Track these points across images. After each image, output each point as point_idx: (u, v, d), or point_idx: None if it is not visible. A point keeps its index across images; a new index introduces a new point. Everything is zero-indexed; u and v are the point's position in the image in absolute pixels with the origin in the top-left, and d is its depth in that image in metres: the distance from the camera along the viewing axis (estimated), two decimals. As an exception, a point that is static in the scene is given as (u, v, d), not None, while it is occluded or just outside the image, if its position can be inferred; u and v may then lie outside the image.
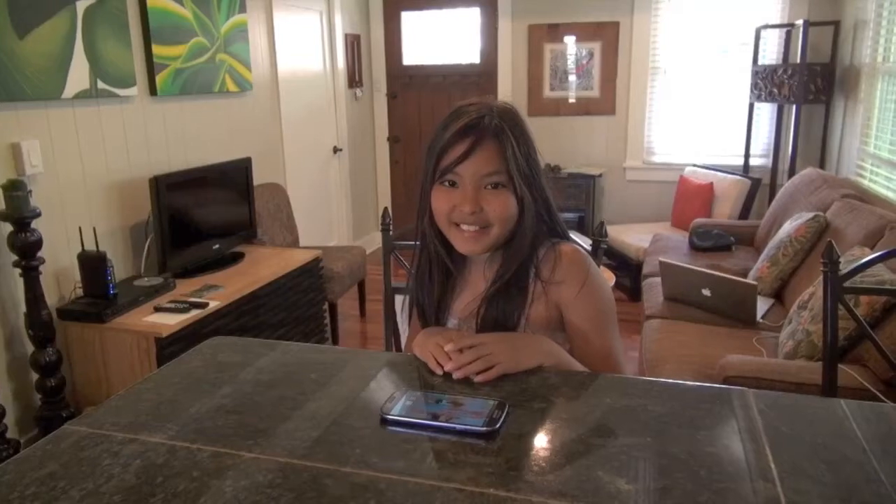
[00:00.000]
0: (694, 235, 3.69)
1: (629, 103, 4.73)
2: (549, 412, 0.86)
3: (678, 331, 2.61)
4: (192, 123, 3.22)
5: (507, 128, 1.06)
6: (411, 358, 1.10)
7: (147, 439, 0.82)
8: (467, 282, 1.18)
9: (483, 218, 1.07)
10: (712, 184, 4.23)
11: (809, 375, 1.90)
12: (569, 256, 1.11)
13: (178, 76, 3.07)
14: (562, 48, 4.78)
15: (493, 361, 0.98)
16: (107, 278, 2.48)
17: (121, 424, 0.86)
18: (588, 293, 1.09)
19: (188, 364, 1.05)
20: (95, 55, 2.62)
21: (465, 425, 0.82)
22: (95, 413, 0.89)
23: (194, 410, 0.89)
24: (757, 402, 0.87)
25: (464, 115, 1.07)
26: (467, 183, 1.06)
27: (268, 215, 3.61)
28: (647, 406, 0.87)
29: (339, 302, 3.64)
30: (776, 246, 2.97)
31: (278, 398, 0.95)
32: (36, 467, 0.77)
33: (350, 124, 4.91)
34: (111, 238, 2.76)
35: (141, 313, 2.48)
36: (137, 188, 2.84)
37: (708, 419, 0.84)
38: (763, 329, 2.59)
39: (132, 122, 2.87)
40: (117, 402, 0.93)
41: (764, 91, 4.15)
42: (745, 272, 3.13)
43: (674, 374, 2.23)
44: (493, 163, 1.06)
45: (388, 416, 0.86)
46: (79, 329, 2.47)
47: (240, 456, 0.78)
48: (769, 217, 3.61)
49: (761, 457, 0.75)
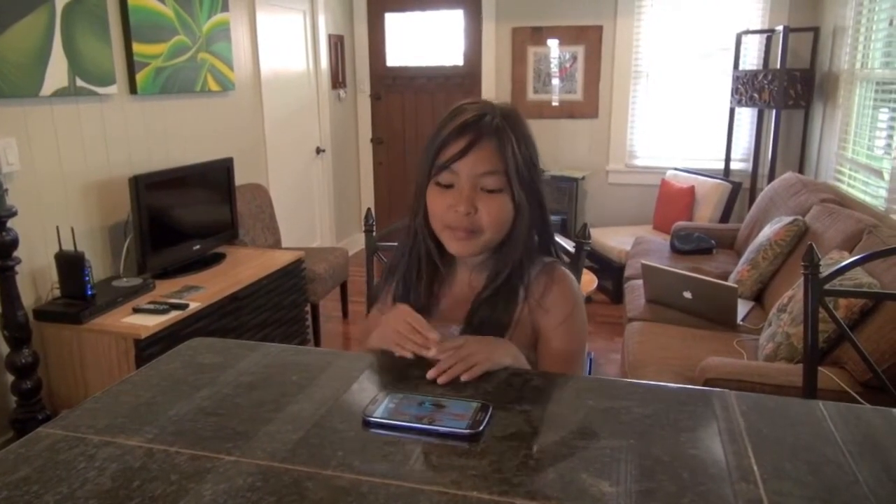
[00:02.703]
0: (675, 238, 3.72)
1: (612, 107, 4.75)
2: (532, 414, 0.86)
3: (660, 333, 2.62)
4: (173, 123, 3.18)
5: (509, 128, 1.05)
6: (396, 360, 1.09)
7: (124, 442, 0.80)
8: (452, 285, 1.17)
9: (476, 221, 1.06)
10: (693, 187, 4.26)
11: (789, 377, 1.92)
12: (560, 286, 1.10)
13: (159, 75, 3.03)
14: (545, 51, 4.80)
15: (473, 361, 0.98)
16: (85, 279, 2.44)
17: (97, 427, 0.84)
18: (569, 326, 1.10)
19: (167, 365, 1.04)
20: (74, 52, 2.58)
21: (448, 428, 0.81)
22: (71, 415, 0.87)
23: (173, 413, 0.88)
24: (739, 404, 0.87)
25: (464, 112, 1.06)
26: (464, 181, 1.05)
27: (249, 216, 3.58)
28: (630, 408, 0.87)
29: (321, 303, 3.62)
30: (756, 249, 3.00)
31: (259, 400, 0.94)
32: (9, 471, 0.75)
33: (333, 125, 4.89)
34: (89, 238, 2.72)
35: (119, 314, 2.44)
36: (117, 187, 2.80)
37: (690, 421, 0.84)
38: (743, 332, 2.61)
39: (112, 121, 2.83)
40: (94, 404, 0.91)
41: (744, 96, 4.19)
42: (726, 275, 3.16)
43: (655, 377, 2.24)
44: (491, 161, 1.04)
45: (371, 418, 0.85)
46: (56, 330, 2.42)
47: (219, 459, 0.76)
48: (749, 221, 3.65)
49: (743, 458, 0.75)
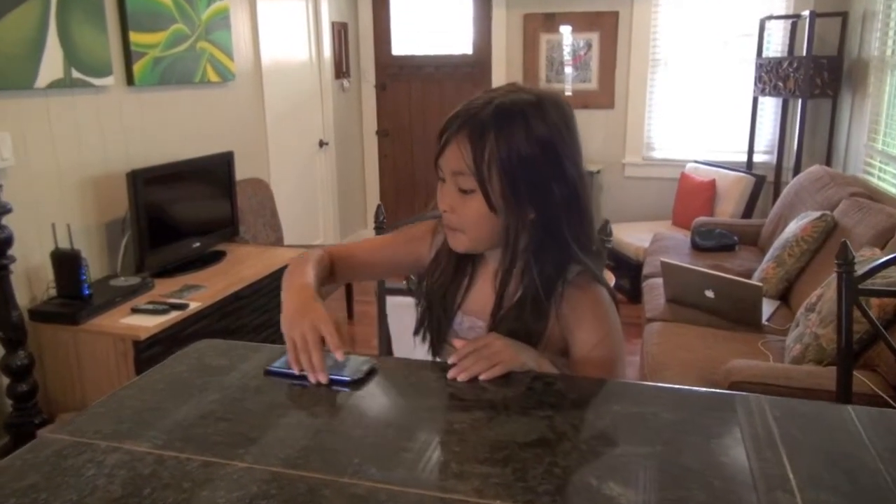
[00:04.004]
0: (696, 235, 3.71)
1: (628, 96, 4.74)
2: (555, 420, 0.86)
3: (680, 334, 2.62)
4: (171, 115, 3.20)
5: (497, 125, 0.99)
6: (404, 363, 1.10)
7: (133, 448, 0.81)
8: (477, 277, 1.16)
9: (454, 220, 1.06)
10: (715, 181, 4.25)
11: (818, 381, 1.91)
12: (593, 308, 1.07)
13: (157, 65, 3.04)
14: (558, 38, 4.79)
15: (496, 360, 0.98)
16: (81, 278, 2.46)
17: (104, 433, 0.85)
18: (605, 346, 1.07)
19: (173, 369, 1.04)
20: (70, 42, 2.59)
21: (334, 375, 0.98)
22: (77, 420, 0.88)
23: (181, 417, 0.88)
24: (771, 409, 0.87)
25: (468, 102, 1.04)
26: (446, 177, 1.06)
27: (250, 212, 3.60)
28: (658, 413, 0.87)
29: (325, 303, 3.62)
30: (781, 246, 2.99)
31: (268, 404, 0.94)
32: (16, 478, 0.76)
33: (337, 117, 4.89)
34: (86, 235, 2.73)
35: (117, 315, 2.46)
36: (114, 183, 2.82)
37: (720, 427, 0.84)
38: (769, 332, 2.60)
39: (108, 114, 2.84)
40: (99, 408, 0.92)
41: (768, 85, 4.17)
42: (750, 273, 3.15)
43: (676, 380, 2.24)
44: (462, 160, 1.01)
45: (270, 368, 1.02)
46: (52, 331, 2.44)
47: (232, 465, 0.77)
48: (774, 216, 3.64)
49: (778, 467, 0.75)
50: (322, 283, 1.22)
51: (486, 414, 0.88)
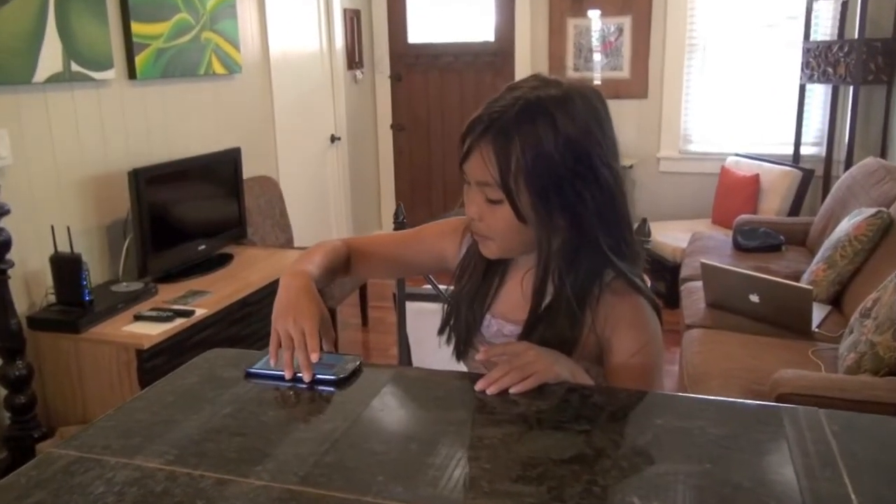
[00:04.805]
0: (738, 234, 3.69)
1: (663, 85, 4.71)
2: (593, 435, 0.86)
3: (723, 342, 2.60)
4: (175, 110, 3.23)
5: (522, 132, 0.98)
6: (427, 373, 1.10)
7: (143, 464, 0.82)
8: (507, 281, 1.17)
9: (483, 228, 1.07)
10: (758, 175, 4.21)
11: (875, 392, 1.89)
12: (631, 317, 1.08)
13: (160, 57, 3.08)
14: (587, 24, 4.77)
15: (529, 371, 0.98)
16: (82, 283, 2.49)
17: (113, 448, 0.86)
18: (644, 355, 1.07)
19: (183, 380, 1.06)
20: (69, 34, 2.63)
21: (318, 375, 1.01)
22: (84, 434, 0.90)
23: (194, 431, 0.89)
24: (829, 423, 0.87)
25: (491, 101, 1.04)
26: (472, 184, 1.06)
27: (259, 212, 3.62)
28: (704, 428, 0.87)
29: (338, 309, 3.65)
30: (833, 246, 2.96)
31: (284, 417, 0.95)
32: (21, 496, 0.77)
33: (349, 110, 4.92)
34: (86, 238, 2.77)
35: (120, 322, 2.49)
36: (115, 182, 2.85)
37: (773, 442, 0.84)
38: (819, 340, 2.58)
39: (109, 109, 2.88)
40: (107, 422, 0.93)
41: (817, 71, 4.13)
42: (798, 275, 3.12)
43: (718, 391, 2.22)
44: (487, 170, 1.00)
45: (251, 370, 1.04)
46: (51, 340, 2.48)
47: (248, 483, 0.78)
48: (824, 213, 3.60)
49: (838, 485, 0.75)
50: (333, 275, 1.24)
51: (517, 428, 0.88)
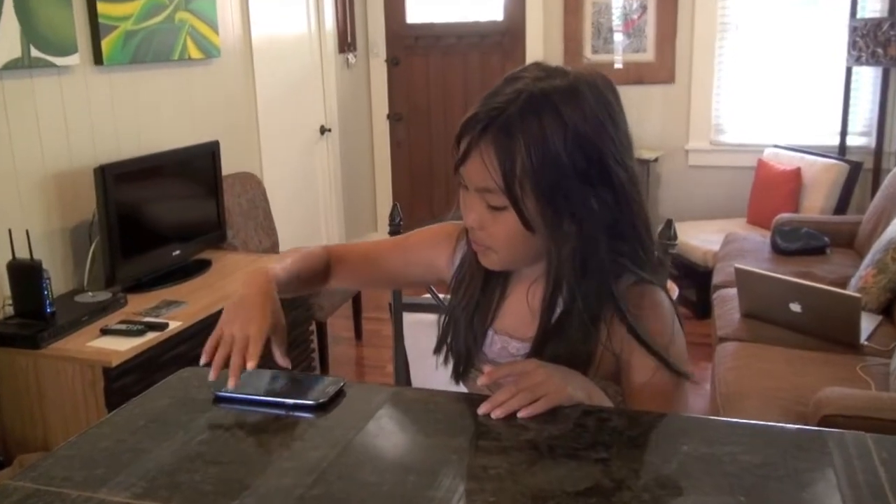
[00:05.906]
0: (777, 235, 3.68)
1: (692, 69, 4.72)
2: (612, 464, 0.86)
3: (760, 356, 2.61)
4: (146, 99, 3.24)
5: (526, 130, 0.98)
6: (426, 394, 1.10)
7: (108, 498, 0.82)
8: (510, 294, 1.17)
9: (484, 238, 1.07)
10: (800, 169, 4.21)
11: (931, 413, 1.89)
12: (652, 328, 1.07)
13: (129, 40, 3.09)
14: (607, 0, 4.78)
15: (539, 392, 0.98)
16: (42, 293, 2.49)
17: (74, 479, 0.86)
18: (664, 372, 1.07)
19: (154, 402, 1.06)
20: (28, 16, 2.64)
21: (295, 399, 1.03)
22: (42, 464, 0.90)
23: (165, 461, 0.90)
24: (878, 450, 0.87)
25: (489, 95, 1.03)
26: (471, 190, 1.06)
27: (240, 213, 3.63)
28: (736, 455, 0.87)
29: (328, 322, 3.65)
30: (884, 248, 2.96)
31: (266, 444, 0.96)
32: (-28, 534, 0.77)
33: (341, 98, 4.93)
34: (47, 243, 2.78)
35: (85, 337, 2.49)
36: (80, 180, 2.86)
37: (815, 472, 0.84)
38: (869, 354, 2.58)
39: (73, 99, 2.89)
40: (69, 450, 0.94)
41: (865, 52, 4.12)
42: (845, 282, 3.12)
43: (755, 413, 2.23)
44: (489, 174, 1.01)
45: (221, 393, 1.04)
46: (9, 356, 2.48)
47: (225, 519, 0.78)
48: (874, 211, 3.60)
49: (886, 520, 0.75)
50: (306, 283, 1.28)
51: (526, 456, 0.88)
